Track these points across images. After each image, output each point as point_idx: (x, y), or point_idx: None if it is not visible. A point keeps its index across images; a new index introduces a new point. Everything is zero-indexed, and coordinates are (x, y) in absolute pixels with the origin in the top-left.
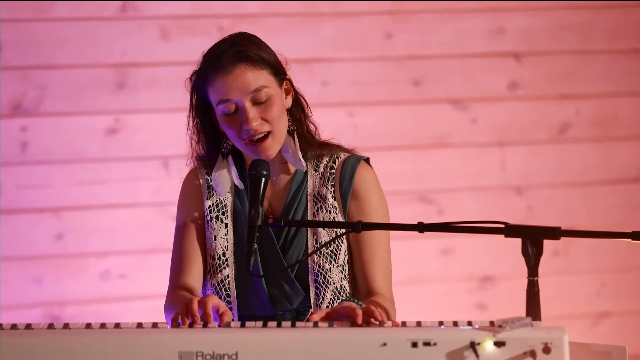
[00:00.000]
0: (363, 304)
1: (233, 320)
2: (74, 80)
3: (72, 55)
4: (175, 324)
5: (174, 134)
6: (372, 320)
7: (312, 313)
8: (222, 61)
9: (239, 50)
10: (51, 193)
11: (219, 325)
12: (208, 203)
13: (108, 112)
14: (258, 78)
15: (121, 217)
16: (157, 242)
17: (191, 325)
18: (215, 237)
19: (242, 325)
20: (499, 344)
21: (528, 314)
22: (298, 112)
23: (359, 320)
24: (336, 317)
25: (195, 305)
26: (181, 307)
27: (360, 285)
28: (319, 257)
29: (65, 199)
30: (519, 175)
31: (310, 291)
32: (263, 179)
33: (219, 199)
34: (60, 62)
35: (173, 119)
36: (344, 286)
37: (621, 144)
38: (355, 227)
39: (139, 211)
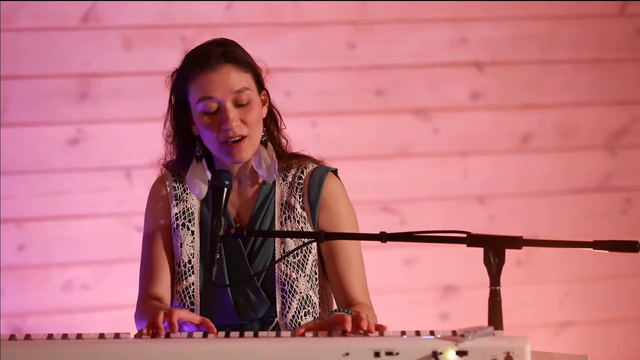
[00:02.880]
0: (352, 313)
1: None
2: (36, 90)
3: (35, 66)
4: (139, 335)
5: (136, 144)
6: (359, 329)
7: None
8: (209, 59)
9: (226, 51)
10: (13, 204)
11: (205, 334)
12: (175, 210)
13: (70, 122)
14: (242, 80)
15: (84, 227)
16: (120, 252)
17: (154, 336)
18: (181, 244)
19: (205, 336)
20: (461, 353)
21: (490, 323)
22: (272, 124)
23: (348, 327)
24: (326, 327)
25: (161, 318)
26: (149, 319)
27: (338, 296)
28: (286, 266)
29: (28, 210)
30: (481, 185)
31: (277, 300)
32: (225, 189)
33: (186, 206)
34: (23, 72)
35: (136, 129)
36: (311, 296)
37: (584, 153)
38: (318, 237)
39: (102, 222)
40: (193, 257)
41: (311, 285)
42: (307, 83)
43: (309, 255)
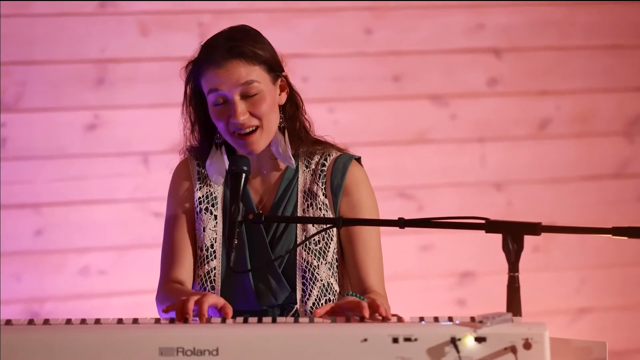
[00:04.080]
0: (365, 299)
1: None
2: (54, 76)
3: (52, 51)
4: (167, 311)
5: (153, 130)
6: (377, 315)
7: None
8: (215, 55)
9: (232, 46)
10: (31, 189)
11: (223, 321)
12: (198, 194)
13: (87, 107)
14: (250, 73)
15: (101, 213)
16: (137, 238)
17: (173, 321)
18: (204, 228)
19: (223, 321)
20: (479, 339)
21: (509, 309)
22: (292, 108)
23: (366, 312)
24: (340, 312)
25: (192, 304)
26: (177, 304)
27: (354, 283)
28: (308, 253)
29: (45, 195)
30: (498, 171)
31: (297, 287)
32: (243, 175)
33: (209, 190)
34: (40, 58)
35: (153, 114)
36: (332, 284)
37: (601, 139)
38: (337, 223)
39: (119, 207)
40: (215, 242)
41: (332, 272)
42: (324, 69)
43: (330, 243)
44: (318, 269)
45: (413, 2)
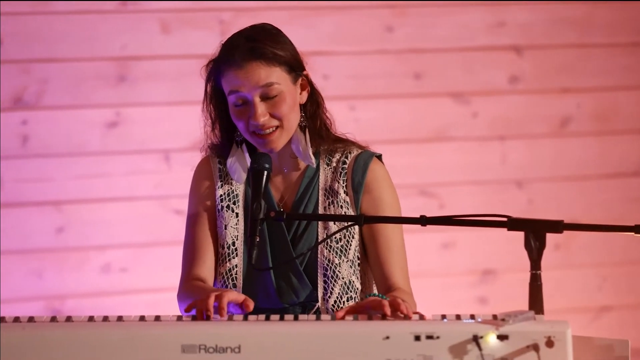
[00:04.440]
0: (388, 298)
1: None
2: (75, 73)
3: (73, 49)
4: (189, 310)
5: (174, 127)
6: (398, 313)
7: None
8: (235, 56)
9: (253, 47)
10: (52, 186)
11: (244, 314)
12: (220, 192)
13: (108, 105)
14: (270, 74)
15: (122, 210)
16: (158, 235)
17: (195, 318)
18: (225, 226)
19: (245, 319)
20: (502, 337)
21: (531, 307)
22: (313, 107)
23: (388, 310)
24: (362, 311)
25: (212, 300)
26: (197, 302)
27: (378, 281)
28: (329, 251)
29: (66, 193)
30: (519, 169)
31: (319, 285)
32: (265, 172)
33: (231, 188)
34: (61, 55)
35: (173, 112)
36: (353, 282)
37: (621, 137)
38: (358, 220)
39: (140, 205)
40: (237, 240)
41: (354, 270)
42: (345, 67)
43: (351, 241)
44: (339, 266)
45: (434, 1)
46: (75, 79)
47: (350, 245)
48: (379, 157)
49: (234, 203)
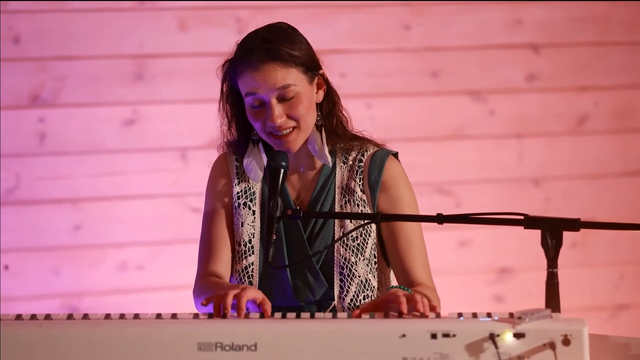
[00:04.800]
0: (410, 290)
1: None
2: (92, 71)
3: (90, 47)
4: (206, 304)
5: (191, 125)
6: (415, 311)
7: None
8: (251, 58)
9: (269, 48)
10: (69, 184)
11: (262, 316)
12: (237, 189)
13: (126, 103)
14: (286, 76)
15: (139, 208)
16: (175, 233)
17: (211, 316)
18: (242, 223)
19: (261, 317)
20: (518, 335)
21: (547, 305)
22: (329, 106)
23: (404, 308)
24: (380, 305)
25: (230, 299)
26: (215, 298)
27: (400, 277)
28: (345, 249)
29: (83, 190)
30: (536, 167)
31: (335, 284)
32: (282, 170)
33: (248, 185)
34: (78, 53)
35: (191, 110)
36: (369, 280)
37: (638, 135)
38: (375, 218)
39: (157, 202)
40: (253, 237)
41: (370, 269)
42: (362, 65)
43: (368, 239)
44: (356, 265)
45: None
46: (93, 77)
47: (367, 243)
48: (395, 154)
49: (251, 200)
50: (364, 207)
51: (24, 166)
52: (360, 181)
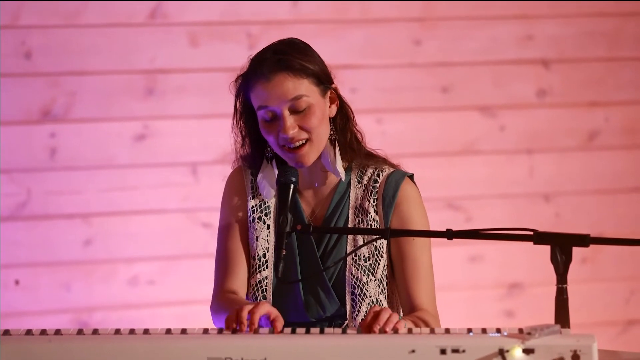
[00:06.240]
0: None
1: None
2: (103, 86)
3: (102, 62)
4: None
5: (202, 140)
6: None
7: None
8: (263, 69)
9: (280, 59)
10: (80, 199)
11: (271, 331)
12: (251, 203)
13: (137, 118)
14: (298, 87)
15: (150, 223)
16: (186, 248)
17: (221, 331)
18: (257, 237)
19: (271, 332)
20: (527, 351)
21: (557, 321)
22: (342, 120)
23: (375, 328)
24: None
25: (245, 314)
26: (230, 314)
27: (403, 300)
28: (357, 269)
29: (94, 205)
30: (547, 183)
31: (347, 303)
32: (291, 186)
33: (262, 200)
34: (90, 68)
35: (202, 125)
36: (380, 300)
37: None
38: (384, 234)
39: (168, 217)
40: (268, 252)
41: (381, 289)
42: (373, 80)
43: (380, 260)
44: (367, 285)
45: (462, 13)
46: (104, 92)
47: (379, 264)
48: (411, 176)
49: (266, 215)
50: (377, 227)
51: (35, 181)
52: (374, 202)
